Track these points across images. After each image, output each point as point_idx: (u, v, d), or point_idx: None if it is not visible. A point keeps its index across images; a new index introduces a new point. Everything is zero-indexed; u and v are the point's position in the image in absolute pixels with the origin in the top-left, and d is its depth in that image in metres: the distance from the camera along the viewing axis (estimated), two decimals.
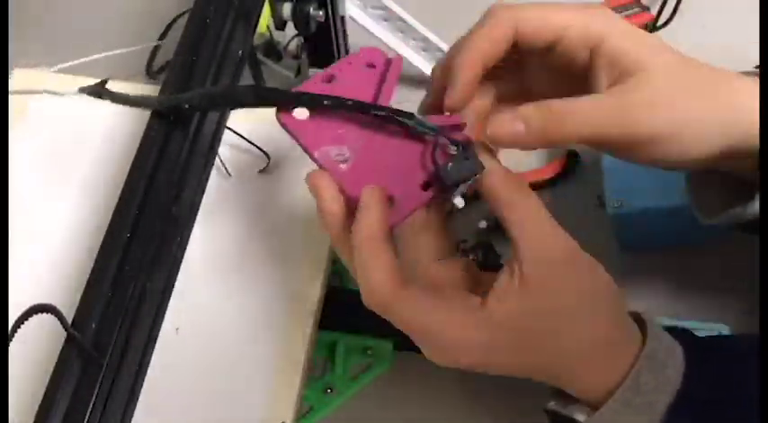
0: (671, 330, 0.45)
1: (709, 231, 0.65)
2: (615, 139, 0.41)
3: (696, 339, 0.45)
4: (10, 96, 0.63)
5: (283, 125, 0.45)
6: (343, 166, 0.44)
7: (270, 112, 0.62)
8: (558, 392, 0.45)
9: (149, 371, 0.50)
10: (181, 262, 0.54)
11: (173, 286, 0.53)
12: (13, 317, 0.42)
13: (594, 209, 0.67)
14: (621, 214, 0.61)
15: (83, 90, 0.57)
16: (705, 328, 0.59)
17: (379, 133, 0.44)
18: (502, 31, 0.43)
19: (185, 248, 0.55)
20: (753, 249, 0.65)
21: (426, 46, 0.73)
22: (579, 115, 0.41)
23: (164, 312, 0.52)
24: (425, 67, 0.74)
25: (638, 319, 0.44)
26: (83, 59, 0.63)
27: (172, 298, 0.53)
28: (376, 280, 0.41)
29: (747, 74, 0.45)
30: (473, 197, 0.70)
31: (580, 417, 0.43)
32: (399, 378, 0.63)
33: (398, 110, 0.43)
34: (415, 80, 0.74)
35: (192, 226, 0.56)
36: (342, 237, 0.43)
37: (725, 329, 0.58)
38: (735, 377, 0.42)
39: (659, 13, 0.77)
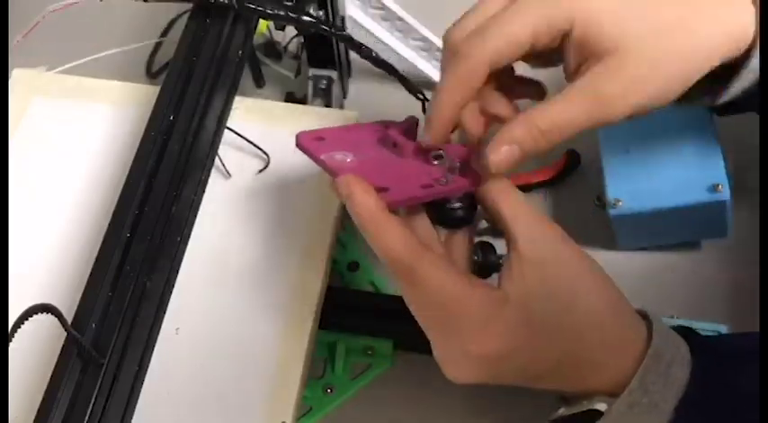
0: (673, 329, 0.45)
1: (707, 231, 0.65)
2: (597, 125, 0.43)
3: (700, 337, 0.45)
4: (10, 96, 0.63)
5: (299, 144, 0.48)
6: (347, 164, 0.46)
7: (269, 113, 0.63)
8: (562, 399, 0.45)
9: (149, 371, 0.50)
10: (181, 262, 0.54)
11: (173, 286, 0.53)
12: (13, 317, 0.42)
13: (594, 209, 0.67)
14: (621, 214, 0.61)
15: None
16: (704, 328, 0.59)
17: (383, 154, 0.47)
18: (476, 76, 0.44)
19: (185, 248, 0.55)
20: (753, 249, 0.66)
21: (426, 46, 0.73)
22: (564, 125, 0.43)
23: (164, 312, 0.52)
24: (425, 67, 0.74)
25: (644, 317, 0.45)
26: (83, 60, 0.63)
27: (172, 298, 0.53)
28: (396, 247, 0.42)
29: None
30: None
31: (601, 405, 0.43)
32: (399, 378, 0.62)
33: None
34: (415, 81, 0.74)
35: (192, 226, 0.56)
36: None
37: (724, 329, 0.58)
38: (742, 375, 0.42)
39: None
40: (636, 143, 0.63)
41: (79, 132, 0.62)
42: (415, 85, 0.61)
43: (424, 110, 0.60)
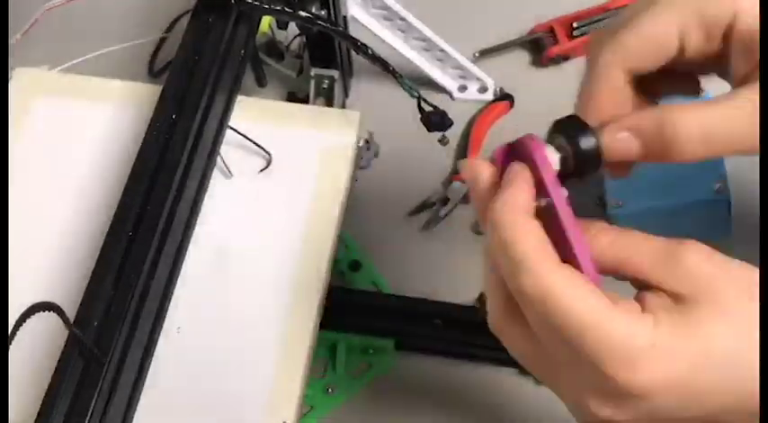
0: None
1: (709, 232, 0.65)
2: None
3: None
4: (11, 95, 0.63)
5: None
6: None
7: (271, 112, 0.63)
8: None
9: (151, 369, 0.51)
10: (182, 261, 0.54)
11: (174, 285, 0.53)
12: (14, 316, 0.42)
13: (595, 209, 0.67)
14: (621, 214, 0.61)
15: None
16: None
17: None
18: (610, 85, 0.38)
19: (187, 248, 0.55)
20: (753, 249, 0.65)
21: (428, 46, 0.73)
22: (712, 132, 0.34)
23: (165, 311, 0.52)
24: (427, 67, 0.74)
25: None
26: (84, 57, 0.63)
27: (173, 297, 0.53)
28: (531, 257, 0.33)
29: None
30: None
31: None
32: (401, 378, 0.63)
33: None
34: (417, 81, 0.74)
35: (194, 225, 0.56)
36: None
37: None
38: None
39: None
40: None
41: (81, 131, 0.62)
42: (409, 82, 0.60)
43: (419, 105, 0.60)
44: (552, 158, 0.36)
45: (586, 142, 0.36)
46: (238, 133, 0.60)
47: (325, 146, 0.60)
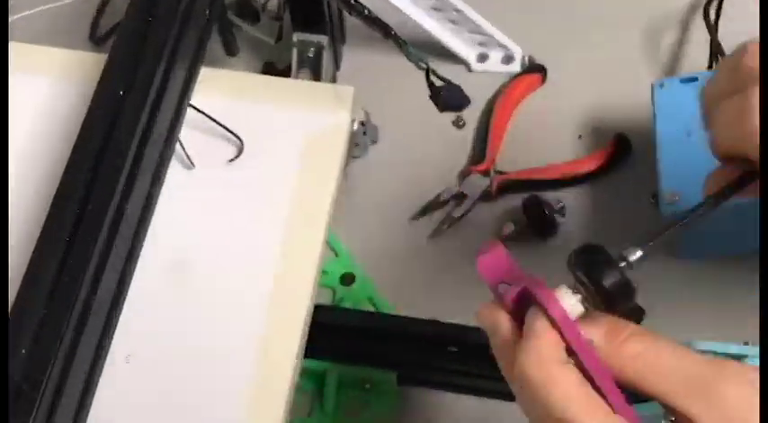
0: None
1: None
2: None
3: None
4: None
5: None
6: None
7: (244, 88, 0.63)
8: None
9: (92, 409, 0.50)
10: (133, 272, 0.54)
11: (122, 305, 0.53)
12: None
13: (648, 208, 0.67)
14: (678, 212, 0.61)
15: None
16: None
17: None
18: None
19: (138, 255, 0.55)
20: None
21: (440, 4, 0.73)
22: None
23: (111, 335, 0.52)
24: (438, 31, 0.74)
25: None
26: (11, 18, 0.63)
27: (121, 317, 0.53)
28: (578, 411, 0.39)
29: None
30: (498, 194, 0.70)
31: None
32: (403, 418, 0.63)
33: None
34: (425, 49, 0.74)
35: (147, 227, 0.56)
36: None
37: None
38: None
39: None
40: (700, 124, 0.63)
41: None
42: (415, 51, 0.60)
43: (428, 79, 0.60)
44: (569, 306, 0.41)
45: (610, 279, 0.40)
46: (202, 114, 0.60)
47: (310, 130, 0.61)
